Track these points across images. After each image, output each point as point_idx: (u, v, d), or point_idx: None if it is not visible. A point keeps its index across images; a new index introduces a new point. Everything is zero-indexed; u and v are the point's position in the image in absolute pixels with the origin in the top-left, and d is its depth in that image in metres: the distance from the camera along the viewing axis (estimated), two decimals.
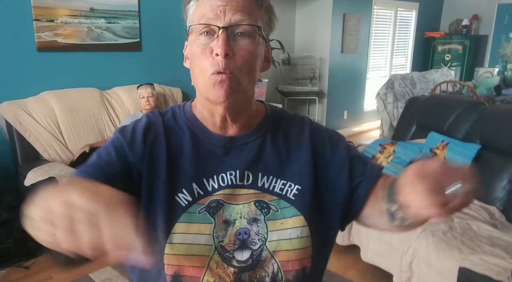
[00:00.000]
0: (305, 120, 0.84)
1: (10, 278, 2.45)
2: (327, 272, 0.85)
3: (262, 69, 0.76)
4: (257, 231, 0.73)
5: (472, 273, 1.81)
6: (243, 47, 0.69)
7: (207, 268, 0.71)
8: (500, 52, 5.81)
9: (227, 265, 0.72)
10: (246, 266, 0.72)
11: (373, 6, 5.81)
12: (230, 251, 0.72)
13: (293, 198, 0.75)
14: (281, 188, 0.75)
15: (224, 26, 0.67)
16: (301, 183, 0.76)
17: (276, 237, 0.73)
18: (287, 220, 0.74)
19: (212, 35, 0.68)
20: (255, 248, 0.73)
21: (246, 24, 0.68)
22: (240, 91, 0.70)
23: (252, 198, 0.74)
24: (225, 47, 0.66)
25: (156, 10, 3.56)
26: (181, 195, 0.73)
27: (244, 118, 0.77)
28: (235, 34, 0.68)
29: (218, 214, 0.73)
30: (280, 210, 0.74)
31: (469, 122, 2.74)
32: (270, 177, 0.76)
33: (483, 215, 2.26)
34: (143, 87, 3.13)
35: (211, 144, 0.76)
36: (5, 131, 2.82)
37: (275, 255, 0.73)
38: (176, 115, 0.80)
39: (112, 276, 2.43)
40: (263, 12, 0.72)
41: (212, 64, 0.68)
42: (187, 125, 0.78)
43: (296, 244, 0.73)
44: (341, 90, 5.69)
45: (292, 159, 0.78)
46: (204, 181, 0.74)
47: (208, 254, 0.71)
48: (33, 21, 2.90)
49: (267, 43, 0.76)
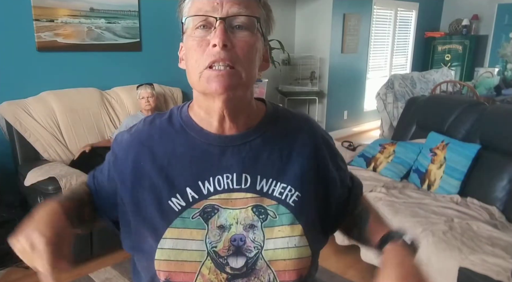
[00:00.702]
0: (309, 121, 0.82)
1: (10, 278, 2.45)
2: (327, 272, 0.85)
3: (261, 68, 0.74)
4: (253, 238, 0.70)
5: (472, 273, 1.81)
6: (242, 39, 0.66)
7: (199, 274, 0.69)
8: (500, 52, 5.80)
9: (220, 271, 0.70)
10: (240, 274, 0.70)
11: (373, 6, 5.81)
12: (224, 257, 0.70)
13: (293, 204, 0.72)
14: (280, 191, 0.72)
15: (222, 17, 0.65)
16: (301, 190, 0.73)
17: (273, 245, 0.70)
18: (285, 228, 0.71)
19: (209, 28, 0.66)
20: (250, 256, 0.70)
21: (244, 15, 0.66)
22: (240, 85, 0.67)
23: (250, 202, 0.71)
24: (223, 37, 0.63)
25: (156, 10, 3.56)
26: (174, 199, 0.71)
27: (243, 117, 0.74)
28: (233, 27, 0.66)
29: (213, 219, 0.70)
30: (278, 216, 0.71)
31: (469, 122, 2.74)
32: (270, 180, 0.73)
33: (483, 215, 2.26)
34: (143, 87, 3.13)
35: (206, 144, 0.73)
36: (5, 131, 2.82)
37: (271, 264, 0.70)
38: (172, 116, 0.78)
39: (112, 276, 2.43)
40: (261, 8, 0.70)
41: (208, 56, 0.65)
42: (181, 125, 0.76)
43: (293, 254, 0.70)
44: (341, 90, 5.69)
45: (294, 160, 0.75)
46: (199, 184, 0.71)
47: (200, 260, 0.69)
48: (33, 21, 2.90)
49: (265, 42, 0.74)
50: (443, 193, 2.51)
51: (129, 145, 0.76)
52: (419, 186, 2.67)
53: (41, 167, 2.59)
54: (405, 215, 2.23)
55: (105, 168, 0.79)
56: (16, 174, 2.77)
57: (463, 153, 2.53)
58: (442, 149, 2.64)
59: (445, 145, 2.64)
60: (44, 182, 2.42)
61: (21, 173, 2.65)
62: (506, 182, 2.38)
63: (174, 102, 3.56)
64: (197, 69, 0.66)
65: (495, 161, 2.46)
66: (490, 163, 2.47)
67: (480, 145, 2.53)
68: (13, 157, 2.83)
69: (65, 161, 2.85)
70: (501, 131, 2.51)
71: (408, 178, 2.78)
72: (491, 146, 2.53)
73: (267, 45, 0.75)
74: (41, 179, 2.44)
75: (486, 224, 2.13)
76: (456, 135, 2.73)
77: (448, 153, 2.59)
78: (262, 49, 0.72)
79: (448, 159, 2.57)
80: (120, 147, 0.77)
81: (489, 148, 2.52)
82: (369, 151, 3.09)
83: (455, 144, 2.61)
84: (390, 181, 2.72)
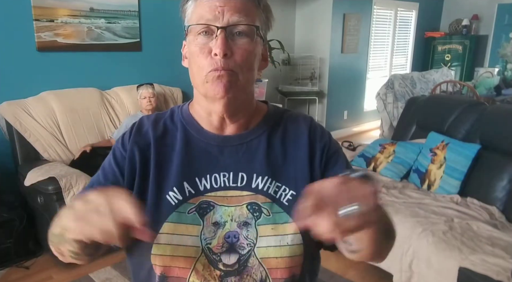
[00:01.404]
0: (307, 120, 0.83)
1: (10, 278, 2.45)
2: (327, 272, 0.85)
3: (260, 68, 0.77)
4: (246, 235, 0.72)
5: (472, 273, 1.81)
6: (242, 46, 0.69)
7: (193, 269, 0.71)
8: (500, 52, 5.80)
9: (213, 267, 0.71)
10: (233, 271, 0.71)
11: (373, 6, 5.81)
12: (218, 254, 0.71)
13: (286, 203, 0.74)
14: (275, 190, 0.74)
15: (223, 26, 0.68)
16: (295, 189, 0.75)
17: (265, 243, 0.71)
18: (278, 226, 0.72)
19: (210, 35, 0.69)
20: (243, 253, 0.71)
21: (244, 24, 0.69)
22: (239, 87, 0.70)
23: (245, 200, 0.73)
24: (224, 47, 0.67)
25: (156, 10, 3.56)
26: (171, 193, 0.73)
27: (242, 118, 0.77)
28: (233, 34, 0.69)
29: (208, 216, 0.72)
30: (272, 214, 0.73)
31: (469, 122, 2.74)
32: (265, 178, 0.75)
33: (483, 215, 2.26)
34: (144, 87, 3.13)
35: (205, 142, 0.76)
36: (5, 131, 2.82)
37: (263, 262, 0.71)
38: (173, 114, 0.81)
39: (112, 276, 2.43)
40: (260, 12, 0.73)
41: (210, 63, 0.68)
42: (182, 124, 0.79)
43: (285, 252, 0.71)
44: (341, 90, 5.69)
45: (289, 161, 0.77)
46: (196, 180, 0.74)
47: (195, 256, 0.71)
48: (33, 21, 2.90)
49: (264, 42, 0.76)
50: (443, 193, 2.51)
51: (132, 141, 0.78)
52: (419, 186, 2.67)
53: (41, 167, 2.59)
54: (405, 215, 2.23)
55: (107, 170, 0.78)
56: (16, 174, 2.77)
57: (463, 153, 2.53)
58: (442, 149, 2.64)
59: (445, 145, 2.64)
60: (44, 182, 2.42)
61: (21, 173, 2.65)
62: (506, 182, 2.38)
63: (174, 102, 3.56)
64: (201, 73, 0.70)
65: (495, 161, 2.46)
66: (490, 163, 2.47)
67: (480, 145, 2.53)
68: (13, 157, 2.83)
69: (65, 161, 2.85)
70: (501, 131, 2.51)
71: (408, 178, 2.78)
72: (491, 146, 2.53)
73: (266, 44, 0.78)
74: (41, 179, 2.44)
75: (486, 224, 2.13)
76: (456, 135, 2.73)
77: (448, 153, 2.59)
78: (261, 51, 0.75)
79: (448, 159, 2.57)
80: (124, 145, 0.79)
81: (489, 148, 2.52)
82: (369, 151, 3.10)
83: (455, 144, 2.61)
84: (390, 181, 2.72)
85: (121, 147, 0.79)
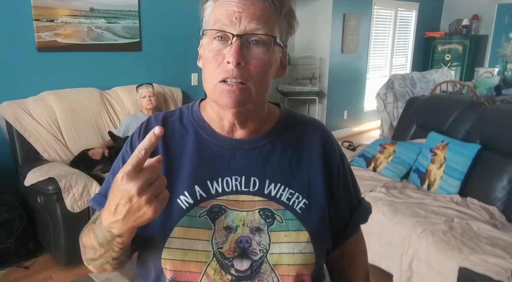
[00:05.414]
0: (319, 127, 0.82)
1: (10, 278, 2.45)
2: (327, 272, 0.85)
3: (276, 76, 0.74)
4: (259, 241, 0.71)
5: (472, 273, 1.81)
6: (257, 56, 0.67)
7: (204, 274, 0.70)
8: (500, 52, 5.81)
9: (224, 272, 0.70)
10: (244, 276, 0.70)
11: (373, 6, 5.81)
12: (229, 258, 0.70)
13: (299, 211, 0.73)
14: (288, 197, 0.73)
15: (238, 34, 0.65)
16: (309, 197, 0.74)
17: (278, 250, 0.71)
18: (291, 233, 0.71)
19: (226, 41, 0.67)
20: (255, 259, 0.70)
21: (261, 33, 0.66)
22: (250, 100, 0.69)
23: (257, 205, 0.72)
24: (238, 56, 0.65)
25: (156, 10, 3.56)
26: (182, 197, 0.72)
27: (253, 124, 0.76)
28: (249, 42, 0.67)
29: (219, 220, 0.71)
30: (285, 221, 0.72)
31: (469, 122, 2.74)
32: (278, 185, 0.73)
33: (483, 215, 2.26)
34: (144, 86, 3.14)
35: (217, 145, 0.75)
36: (5, 131, 2.82)
37: (275, 268, 0.71)
38: (183, 116, 0.80)
39: (112, 276, 2.43)
40: (281, 19, 0.70)
41: (222, 71, 0.66)
42: (193, 126, 0.77)
43: (298, 259, 0.71)
44: (341, 90, 5.69)
45: (303, 167, 0.76)
46: (208, 183, 0.72)
47: (206, 260, 0.70)
48: (33, 21, 2.90)
49: (284, 49, 0.74)
50: (443, 193, 2.51)
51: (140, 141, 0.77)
52: (419, 186, 2.67)
53: (41, 167, 2.59)
54: (405, 215, 2.23)
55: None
56: (16, 174, 2.77)
57: (463, 153, 2.53)
58: (442, 149, 2.64)
59: (445, 145, 2.64)
60: (44, 182, 2.42)
61: (21, 173, 2.65)
62: (506, 182, 2.38)
63: (174, 102, 3.56)
64: (211, 81, 0.68)
65: (495, 161, 2.46)
66: (490, 163, 2.47)
67: (480, 145, 2.53)
68: (13, 157, 2.83)
69: (65, 161, 2.84)
70: (501, 131, 2.51)
71: (408, 178, 2.78)
72: (491, 146, 2.53)
73: (286, 51, 0.75)
74: (41, 179, 2.44)
75: (486, 224, 2.13)
76: (456, 135, 2.73)
77: (448, 153, 2.59)
78: (278, 59, 0.73)
79: (448, 159, 2.57)
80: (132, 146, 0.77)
81: (489, 148, 2.52)
82: (369, 150, 3.09)
83: (455, 144, 2.61)
84: (390, 181, 2.72)
85: (129, 148, 0.78)
